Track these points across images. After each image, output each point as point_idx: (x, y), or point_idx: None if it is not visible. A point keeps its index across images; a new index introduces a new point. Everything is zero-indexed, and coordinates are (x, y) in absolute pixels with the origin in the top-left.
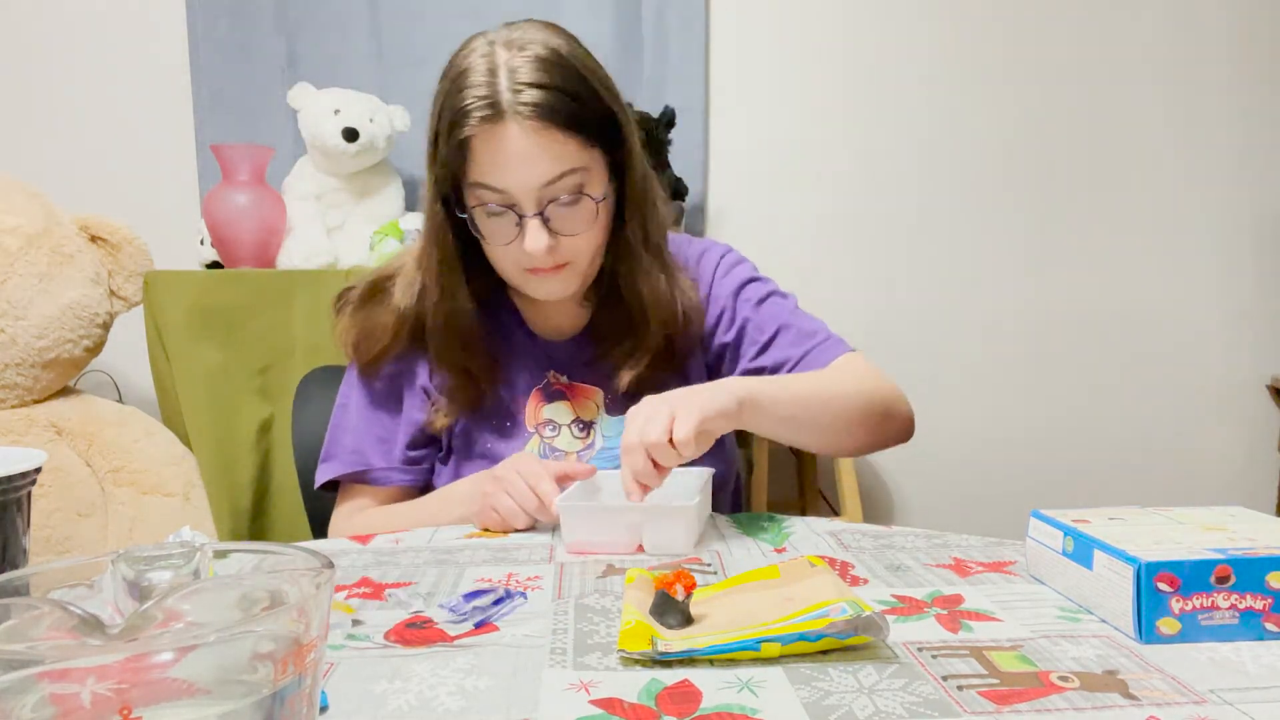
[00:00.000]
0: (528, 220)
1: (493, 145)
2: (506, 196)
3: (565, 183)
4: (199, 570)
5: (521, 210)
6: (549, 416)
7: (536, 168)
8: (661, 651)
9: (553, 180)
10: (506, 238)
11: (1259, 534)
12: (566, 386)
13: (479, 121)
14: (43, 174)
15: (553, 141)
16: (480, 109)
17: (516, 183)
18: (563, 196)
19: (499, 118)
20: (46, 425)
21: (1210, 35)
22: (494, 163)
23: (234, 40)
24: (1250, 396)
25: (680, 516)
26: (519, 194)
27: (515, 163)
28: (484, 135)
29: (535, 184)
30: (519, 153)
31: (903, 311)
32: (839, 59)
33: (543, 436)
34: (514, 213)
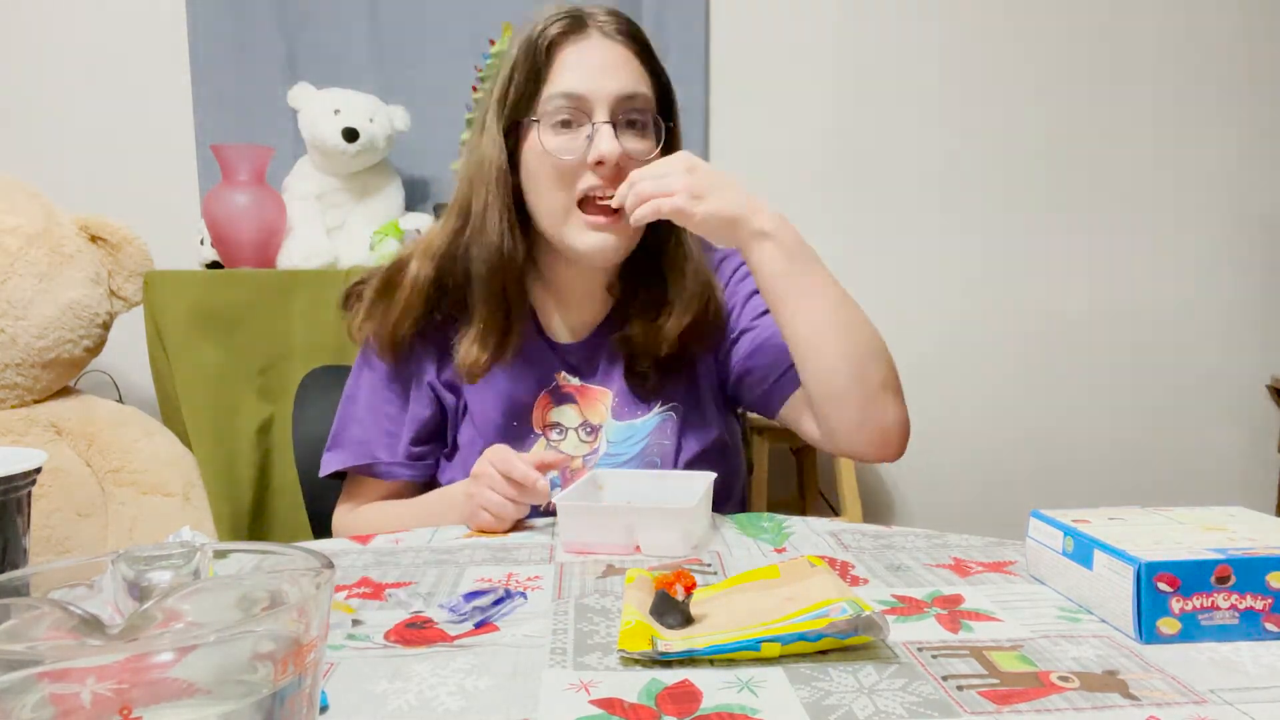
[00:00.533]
0: (599, 126)
1: (577, 54)
2: (584, 103)
3: (638, 101)
4: (199, 570)
5: (594, 117)
6: (556, 419)
7: (616, 77)
8: (661, 652)
9: (629, 94)
10: (573, 149)
11: (1259, 534)
12: (576, 389)
13: (563, 31)
14: (43, 174)
15: (630, 59)
16: (564, 22)
17: (595, 86)
18: (633, 117)
19: (582, 29)
20: (46, 425)
21: (1210, 36)
22: (576, 68)
23: (234, 40)
24: (1250, 396)
25: (677, 519)
26: (596, 100)
27: (596, 68)
28: (568, 47)
29: (613, 91)
30: (600, 60)
31: (903, 311)
32: (838, 59)
33: (549, 440)
34: (587, 123)
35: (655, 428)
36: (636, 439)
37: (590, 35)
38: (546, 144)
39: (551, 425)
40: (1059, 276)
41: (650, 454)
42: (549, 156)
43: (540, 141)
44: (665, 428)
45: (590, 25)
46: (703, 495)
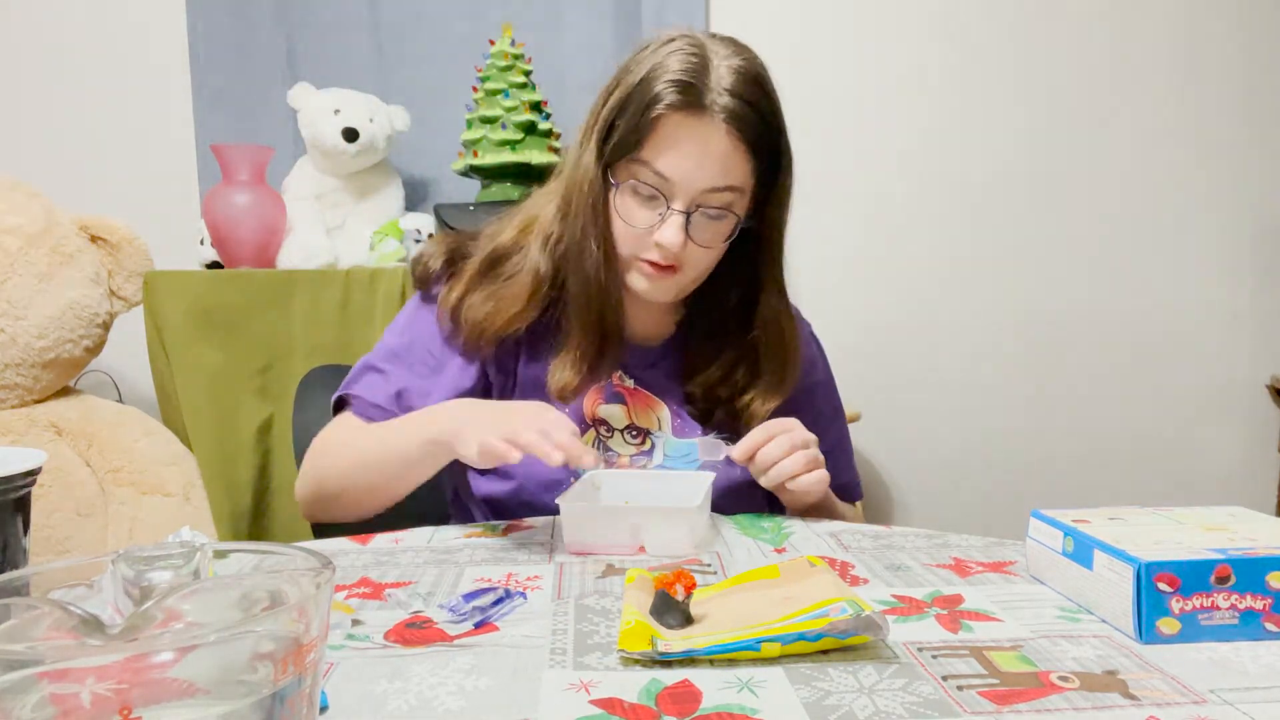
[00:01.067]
0: (673, 213)
1: (679, 133)
2: (666, 185)
3: (723, 196)
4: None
5: (672, 203)
6: (603, 416)
7: (709, 171)
8: (661, 652)
9: (715, 189)
10: (645, 222)
11: (1259, 534)
12: (629, 391)
13: (676, 105)
14: (43, 174)
15: (733, 152)
16: (682, 93)
17: (684, 176)
18: (713, 208)
19: (698, 110)
20: (46, 425)
21: (1210, 37)
22: (673, 149)
23: (234, 40)
24: (1250, 396)
25: (682, 519)
26: (681, 189)
27: (692, 158)
28: (675, 120)
29: (700, 185)
30: (700, 150)
31: (903, 311)
32: (838, 60)
33: (599, 433)
34: (663, 201)
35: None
36: (693, 457)
37: (703, 118)
38: (623, 208)
39: (600, 421)
40: (1059, 276)
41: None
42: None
43: (616, 203)
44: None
45: (708, 105)
46: (705, 495)
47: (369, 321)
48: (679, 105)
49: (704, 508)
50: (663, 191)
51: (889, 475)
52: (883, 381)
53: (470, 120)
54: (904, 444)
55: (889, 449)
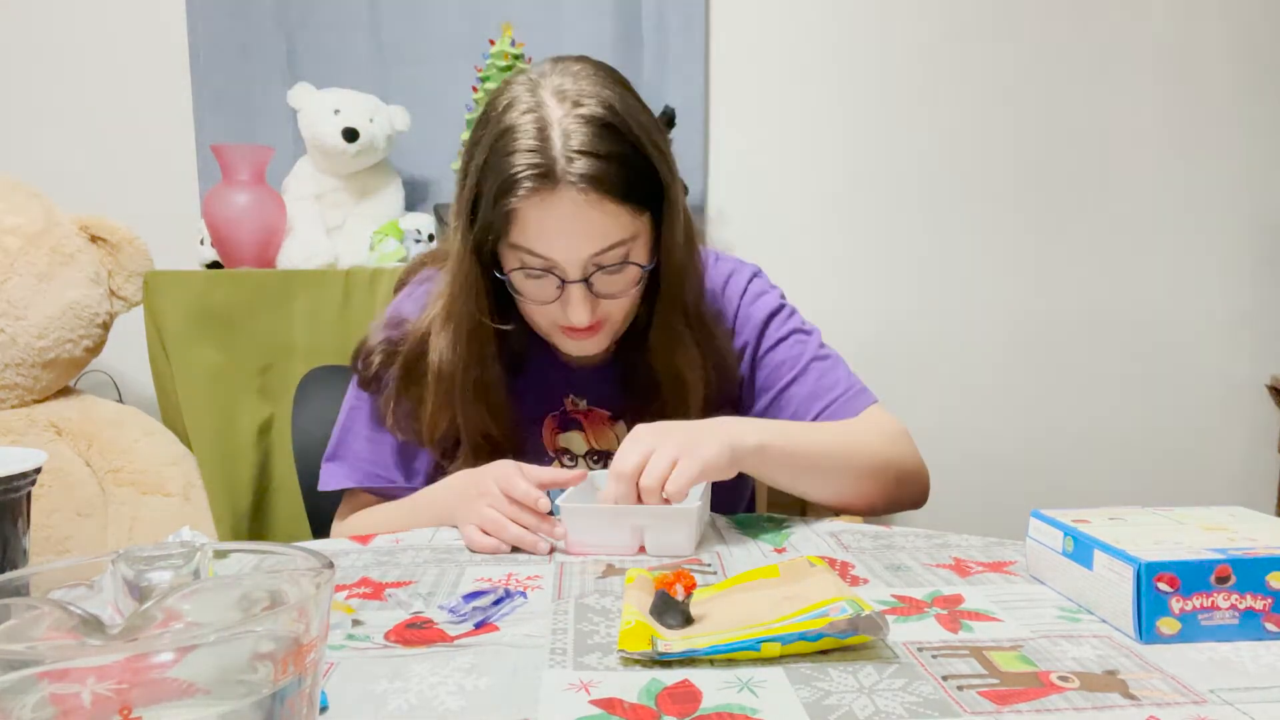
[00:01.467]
0: (571, 287)
1: (541, 213)
2: (551, 263)
3: (613, 253)
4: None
5: (565, 276)
6: (564, 445)
7: (587, 240)
8: (661, 652)
9: (601, 251)
10: (547, 299)
11: (1259, 534)
12: (583, 414)
13: (529, 190)
14: (43, 174)
15: (605, 213)
16: (531, 178)
17: (564, 252)
18: (609, 264)
19: (551, 186)
20: (46, 425)
21: (1210, 38)
22: (542, 231)
23: (234, 40)
24: (1250, 396)
25: (683, 519)
26: (566, 263)
27: (565, 233)
28: (534, 204)
29: (584, 255)
30: (569, 224)
31: (902, 312)
32: (839, 59)
33: (562, 464)
34: (556, 276)
35: None
36: None
37: (558, 194)
38: (520, 287)
39: (561, 450)
40: (1059, 276)
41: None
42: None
43: (512, 283)
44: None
45: (559, 179)
46: (705, 494)
47: (369, 321)
48: (531, 189)
49: (704, 508)
50: (551, 270)
51: None
52: (882, 382)
53: (470, 120)
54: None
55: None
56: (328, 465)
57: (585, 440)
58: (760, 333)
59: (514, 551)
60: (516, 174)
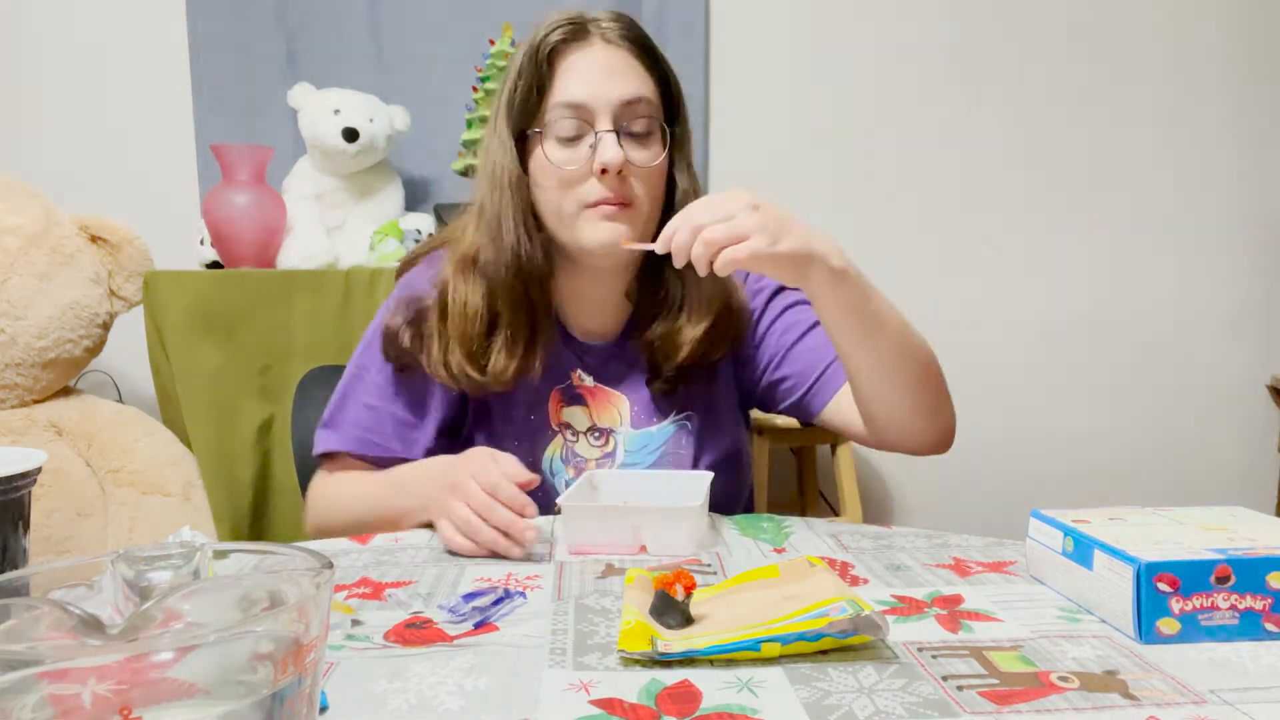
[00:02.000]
0: (603, 135)
1: (576, 62)
2: (586, 112)
3: (641, 107)
4: (199, 570)
5: (597, 126)
6: (567, 419)
7: (617, 84)
8: (661, 652)
9: (631, 100)
10: (578, 160)
11: (1259, 534)
12: (589, 390)
13: (564, 39)
14: (43, 174)
15: (634, 63)
16: (566, 29)
17: (598, 94)
18: (637, 124)
19: (584, 36)
20: (46, 425)
21: (1210, 36)
22: (576, 77)
23: (234, 40)
24: (1250, 396)
25: (684, 518)
26: (599, 107)
27: (598, 76)
28: (568, 54)
29: (615, 98)
30: (600, 67)
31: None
32: (839, 58)
33: (565, 438)
34: (591, 132)
35: (671, 437)
36: (653, 448)
37: (592, 42)
38: (551, 156)
39: (563, 425)
40: (1059, 276)
41: (665, 463)
42: (555, 167)
43: (545, 153)
44: (680, 437)
45: (592, 31)
46: (705, 494)
47: (369, 322)
48: (567, 41)
49: (704, 507)
50: (584, 119)
51: (889, 475)
52: None
53: (470, 120)
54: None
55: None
56: (322, 431)
57: (587, 415)
58: (769, 300)
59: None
60: (552, 32)
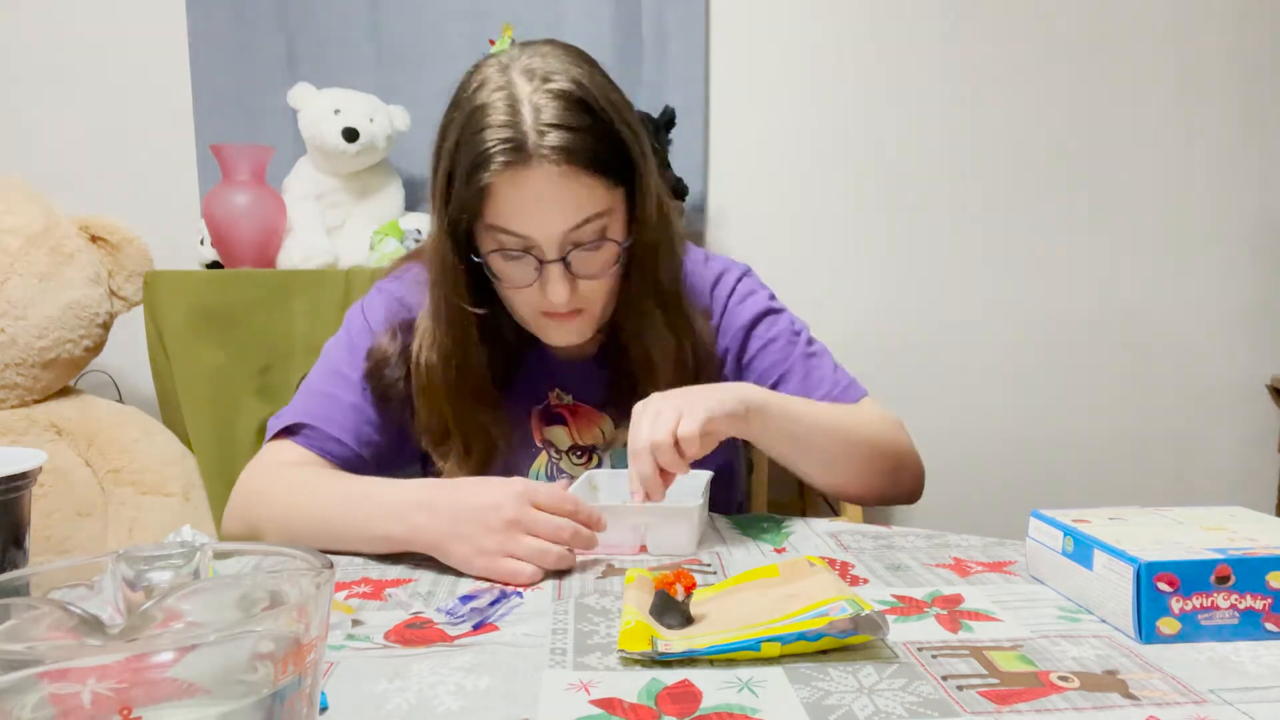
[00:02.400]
0: (549, 266)
1: (516, 190)
2: (528, 241)
3: (589, 228)
4: (199, 570)
5: (542, 255)
6: (549, 439)
7: (562, 214)
8: (661, 652)
9: (577, 225)
10: (525, 281)
11: (1259, 534)
12: (568, 409)
13: (502, 165)
14: (43, 174)
15: (579, 186)
16: (503, 152)
17: (540, 229)
18: (586, 241)
19: (524, 162)
20: (46, 425)
21: (1210, 35)
22: (517, 208)
23: (234, 40)
24: (1250, 396)
25: (684, 517)
26: (542, 240)
27: (540, 209)
28: (507, 179)
29: (560, 230)
30: (544, 198)
31: (902, 311)
32: (839, 59)
33: (549, 455)
34: (533, 256)
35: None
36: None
37: (532, 170)
38: (498, 271)
39: (547, 442)
40: (1059, 276)
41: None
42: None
43: (490, 266)
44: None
45: (533, 154)
46: (704, 493)
47: None
48: (504, 164)
49: (703, 507)
50: (528, 249)
51: None
52: (882, 381)
53: None
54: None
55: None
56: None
57: (569, 435)
58: (746, 336)
59: None
60: (489, 149)
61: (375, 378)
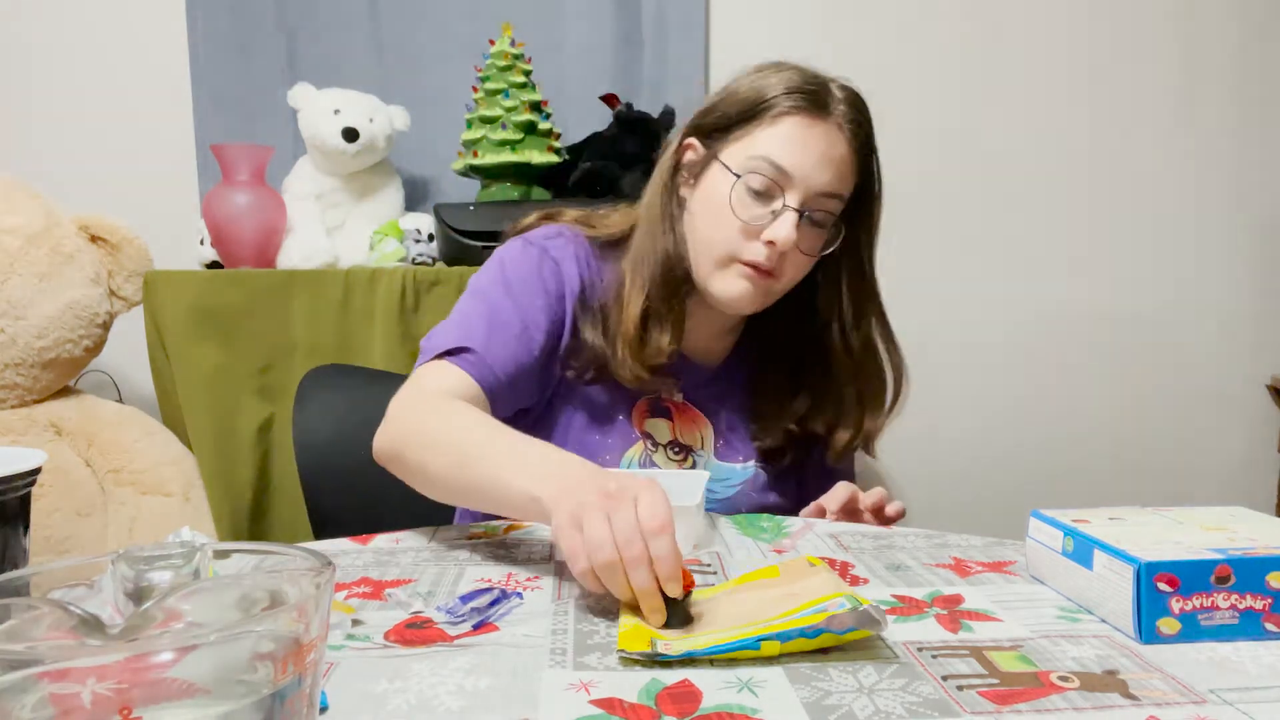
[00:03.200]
0: (787, 210)
1: (803, 133)
2: (785, 180)
3: (831, 202)
4: (199, 570)
5: (788, 198)
6: (649, 430)
7: (826, 172)
8: (660, 653)
9: (830, 193)
10: (756, 217)
11: (1259, 534)
12: (677, 406)
13: (802, 107)
14: (43, 174)
15: (848, 159)
16: (808, 97)
17: (804, 173)
18: (821, 213)
19: (822, 113)
20: (46, 425)
21: (1211, 35)
22: (797, 146)
23: (234, 40)
24: (1250, 396)
25: (681, 517)
26: (797, 184)
27: (814, 157)
28: (800, 121)
29: (816, 185)
30: (822, 151)
31: (902, 312)
32: (838, 59)
33: (646, 447)
34: (778, 196)
35: (750, 477)
36: (733, 482)
37: (826, 121)
38: (737, 204)
39: (645, 434)
40: (1059, 276)
41: (740, 500)
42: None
43: (731, 195)
44: (756, 480)
45: (830, 112)
46: (701, 493)
47: (369, 321)
48: (804, 107)
49: (700, 506)
50: (780, 185)
51: (889, 475)
52: None
53: (470, 120)
54: (904, 444)
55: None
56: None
57: (670, 430)
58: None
59: (514, 551)
60: (795, 93)
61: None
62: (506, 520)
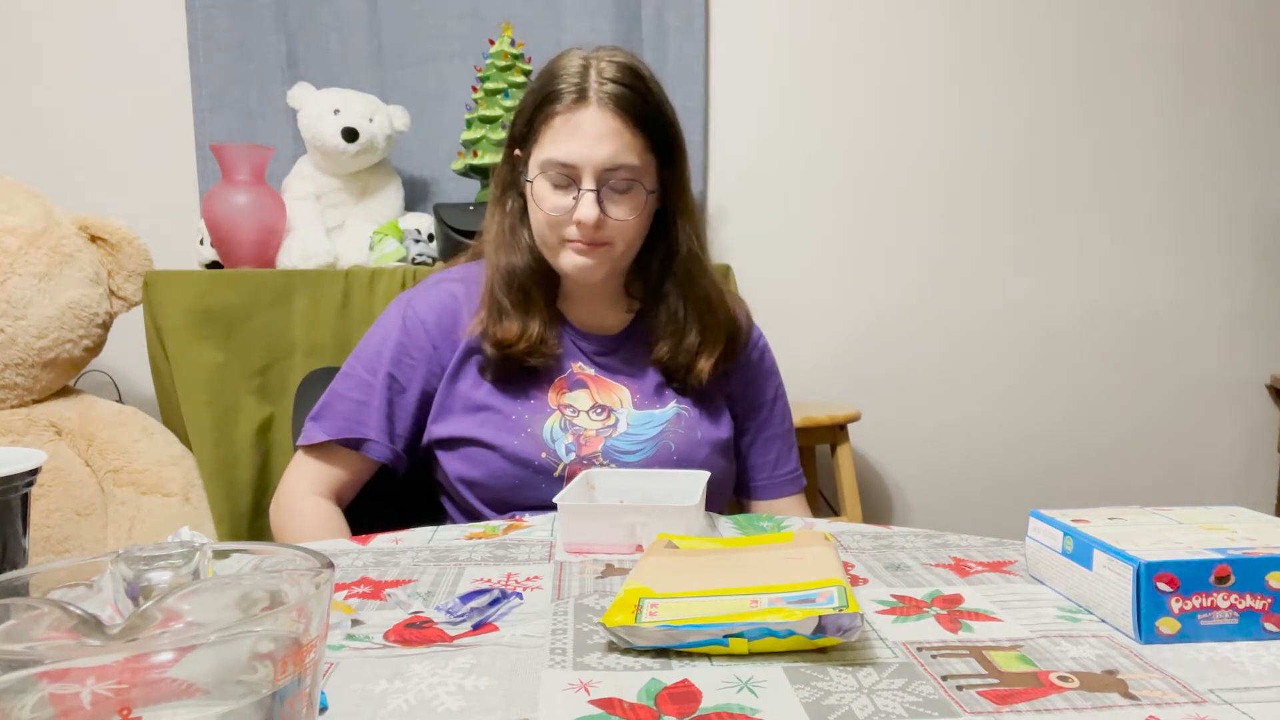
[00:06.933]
0: (584, 192)
1: (572, 123)
2: (572, 170)
3: (623, 171)
4: (199, 570)
5: (581, 183)
6: (569, 402)
7: (604, 148)
8: (638, 626)
9: (614, 166)
10: (563, 207)
11: (1259, 534)
12: (591, 378)
13: (567, 104)
14: (43, 174)
15: (623, 131)
16: (570, 92)
17: (584, 157)
18: (618, 181)
19: (582, 101)
20: (46, 425)
21: (1211, 35)
22: (570, 138)
23: (234, 40)
24: (1250, 396)
25: (680, 517)
26: (584, 168)
27: (588, 140)
28: (566, 114)
29: (598, 162)
30: (593, 132)
31: (902, 311)
32: (839, 59)
33: (563, 414)
34: (575, 187)
35: (672, 417)
36: (655, 424)
37: (586, 106)
38: (540, 198)
39: (565, 406)
40: (1059, 276)
41: (665, 439)
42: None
43: (536, 194)
44: (680, 418)
45: (590, 95)
46: (701, 493)
47: (369, 321)
48: (567, 102)
49: (700, 506)
50: (570, 177)
51: (889, 475)
52: (882, 381)
53: (470, 120)
54: (904, 444)
55: (889, 448)
56: (309, 423)
57: (589, 396)
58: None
59: (513, 550)
60: (559, 89)
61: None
62: (506, 520)
